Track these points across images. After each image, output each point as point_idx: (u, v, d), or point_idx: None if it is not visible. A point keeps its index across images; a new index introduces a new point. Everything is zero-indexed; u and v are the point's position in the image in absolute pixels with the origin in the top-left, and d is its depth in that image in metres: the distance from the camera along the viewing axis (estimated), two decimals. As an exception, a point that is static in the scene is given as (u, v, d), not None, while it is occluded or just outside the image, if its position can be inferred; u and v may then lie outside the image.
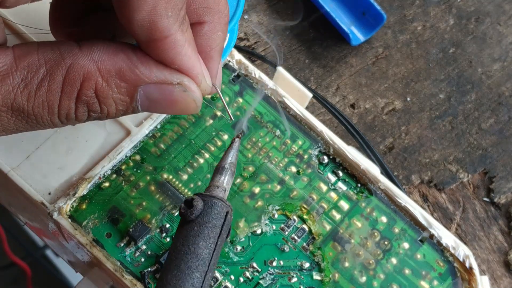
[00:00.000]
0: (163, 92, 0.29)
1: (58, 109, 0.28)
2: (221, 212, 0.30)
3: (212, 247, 0.29)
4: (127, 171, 0.37)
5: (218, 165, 0.32)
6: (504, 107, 0.56)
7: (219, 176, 0.31)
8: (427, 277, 0.37)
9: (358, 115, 0.53)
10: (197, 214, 0.29)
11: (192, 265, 0.28)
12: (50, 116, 0.28)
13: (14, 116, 0.27)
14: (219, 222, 0.30)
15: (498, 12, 0.61)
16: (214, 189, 0.31)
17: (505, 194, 0.52)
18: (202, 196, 0.30)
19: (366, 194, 0.39)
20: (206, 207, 0.30)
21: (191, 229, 0.29)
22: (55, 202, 0.35)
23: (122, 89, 0.28)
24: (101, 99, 0.28)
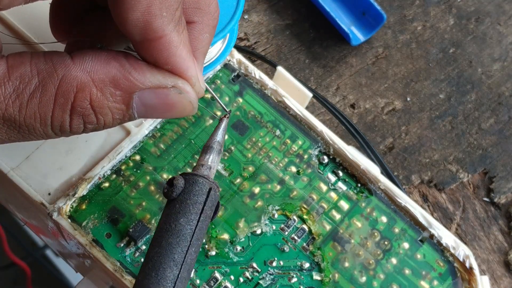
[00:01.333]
0: (159, 96, 0.28)
1: (51, 121, 0.28)
2: (203, 189, 0.30)
3: (194, 223, 0.29)
4: (127, 171, 0.37)
5: (205, 145, 0.32)
6: (504, 107, 0.56)
7: (204, 155, 0.32)
8: (427, 277, 0.37)
9: (358, 115, 0.53)
10: (178, 192, 0.29)
11: (173, 241, 0.29)
12: (43, 128, 0.28)
13: (6, 126, 0.27)
14: (200, 198, 0.30)
15: (498, 12, 0.61)
16: (199, 168, 0.31)
17: (505, 194, 0.52)
18: (184, 175, 0.30)
19: (366, 194, 0.39)
20: (187, 185, 0.30)
21: (173, 207, 0.29)
22: (54, 203, 0.35)
23: (117, 97, 0.28)
24: (97, 110, 0.28)
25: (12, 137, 0.28)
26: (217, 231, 0.36)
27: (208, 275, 0.35)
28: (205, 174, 0.31)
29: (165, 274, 0.28)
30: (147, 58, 0.28)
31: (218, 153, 0.32)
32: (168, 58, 0.28)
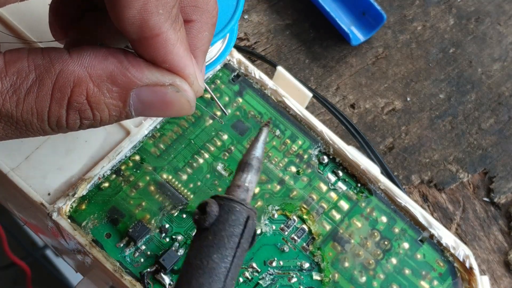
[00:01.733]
0: (156, 94, 0.28)
1: (48, 116, 0.27)
2: (240, 218, 0.26)
3: (229, 259, 0.25)
4: (126, 171, 0.37)
5: (241, 160, 0.28)
6: (504, 107, 0.56)
7: (241, 174, 0.28)
8: (427, 277, 0.37)
9: (358, 115, 0.53)
10: (211, 221, 0.26)
11: (205, 282, 0.25)
12: (40, 123, 0.27)
13: (3, 122, 0.27)
14: (237, 230, 0.26)
15: (498, 12, 0.61)
16: (235, 189, 0.27)
17: (505, 194, 0.52)
18: (218, 199, 0.26)
19: (366, 194, 0.39)
20: (222, 212, 0.26)
21: (205, 239, 0.25)
22: (54, 203, 0.35)
23: (114, 93, 0.27)
24: (93, 105, 0.27)
25: (9, 133, 0.27)
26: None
27: (208, 275, 0.35)
28: (241, 199, 0.27)
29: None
30: (144, 56, 0.28)
31: (256, 172, 0.28)
32: (165, 56, 0.28)
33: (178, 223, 0.36)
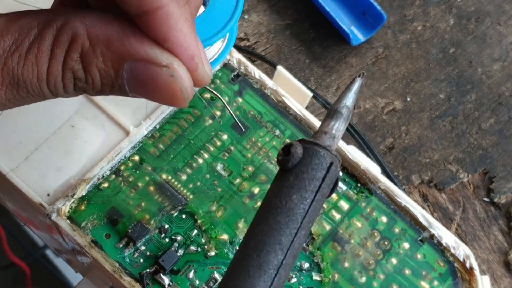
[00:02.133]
0: (149, 72, 0.26)
1: (47, 75, 0.26)
2: (323, 162, 0.25)
3: (308, 202, 0.25)
4: (126, 171, 0.37)
5: (331, 108, 0.27)
6: (504, 107, 0.56)
7: (329, 121, 0.27)
8: (427, 277, 0.37)
9: (358, 115, 0.53)
10: (294, 162, 0.25)
11: (282, 220, 0.24)
12: (40, 84, 0.26)
13: (5, 86, 0.26)
14: (319, 174, 0.25)
15: (498, 12, 0.61)
16: (321, 136, 0.27)
17: (505, 194, 0.52)
18: (304, 142, 0.26)
19: (366, 194, 0.39)
20: (306, 155, 0.25)
21: (286, 179, 0.25)
22: (53, 203, 0.35)
23: (107, 59, 0.26)
24: (85, 66, 0.26)
25: (11, 98, 0.26)
26: (217, 232, 0.36)
27: (207, 275, 0.35)
28: (327, 145, 0.26)
29: (268, 258, 0.24)
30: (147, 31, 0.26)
31: (345, 120, 0.27)
32: (167, 32, 0.25)
33: (177, 223, 0.36)
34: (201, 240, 0.36)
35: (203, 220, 0.36)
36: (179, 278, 0.35)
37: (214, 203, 0.37)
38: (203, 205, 0.37)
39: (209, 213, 0.37)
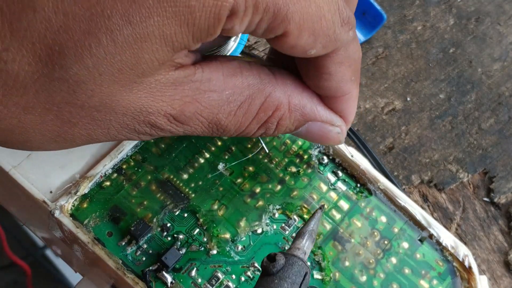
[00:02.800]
0: (323, 129, 0.34)
1: (245, 129, 0.31)
2: (301, 271, 0.31)
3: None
4: (128, 170, 0.37)
5: (300, 230, 0.33)
6: (504, 107, 0.56)
7: (300, 240, 0.33)
8: (426, 276, 0.37)
9: (358, 115, 0.54)
10: (278, 268, 0.30)
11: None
12: (234, 132, 0.31)
13: (211, 125, 0.30)
14: (298, 279, 0.31)
15: (498, 12, 0.61)
16: (295, 250, 0.32)
17: (505, 194, 0.52)
18: (284, 254, 0.31)
19: (365, 194, 0.39)
20: (287, 264, 0.31)
21: (272, 281, 0.30)
22: (56, 201, 0.35)
23: (296, 121, 0.32)
24: (278, 126, 0.32)
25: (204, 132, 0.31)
26: (218, 230, 0.36)
27: (209, 274, 0.35)
28: (302, 258, 0.32)
29: None
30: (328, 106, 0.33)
31: (312, 241, 0.33)
32: (344, 109, 0.33)
33: (179, 221, 0.36)
34: (203, 239, 0.36)
35: (204, 219, 0.37)
36: (181, 276, 0.35)
37: (215, 202, 0.37)
38: (204, 204, 0.37)
39: (211, 211, 0.37)
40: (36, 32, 0.23)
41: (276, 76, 0.31)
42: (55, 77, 0.24)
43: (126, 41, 0.24)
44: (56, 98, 0.25)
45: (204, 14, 0.24)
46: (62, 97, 0.25)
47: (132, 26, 0.24)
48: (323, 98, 0.33)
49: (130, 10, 0.23)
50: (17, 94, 0.24)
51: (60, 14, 0.23)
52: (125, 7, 0.23)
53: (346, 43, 0.30)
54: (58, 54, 0.24)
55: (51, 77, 0.24)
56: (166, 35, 0.25)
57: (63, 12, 0.23)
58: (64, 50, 0.23)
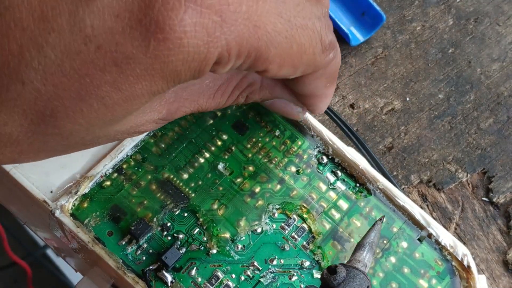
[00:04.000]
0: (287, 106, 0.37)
1: (221, 106, 0.34)
2: (362, 284, 0.30)
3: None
4: (128, 170, 0.37)
5: (360, 242, 0.33)
6: (503, 107, 0.56)
7: (360, 252, 0.32)
8: (425, 275, 0.37)
9: (358, 115, 0.54)
10: (339, 281, 0.30)
11: None
12: (213, 109, 0.34)
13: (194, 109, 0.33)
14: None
15: (497, 13, 0.61)
16: (356, 263, 0.32)
17: (504, 194, 0.52)
18: (345, 266, 0.31)
19: (365, 194, 0.39)
20: (348, 276, 0.30)
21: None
22: (57, 200, 0.35)
23: (264, 97, 0.35)
24: (247, 99, 0.35)
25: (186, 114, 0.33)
26: (218, 230, 0.36)
27: (209, 273, 0.35)
28: (362, 270, 0.31)
29: None
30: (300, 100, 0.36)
31: (372, 252, 0.33)
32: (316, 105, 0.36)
33: (179, 221, 0.37)
34: (203, 238, 0.36)
35: (204, 218, 0.37)
36: (181, 275, 0.35)
37: (215, 202, 0.37)
38: (204, 203, 0.37)
39: (211, 211, 0.37)
40: (26, 101, 0.24)
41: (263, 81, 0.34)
42: (49, 133, 0.25)
43: (116, 103, 0.25)
44: (50, 144, 0.26)
45: (189, 73, 0.25)
46: (56, 143, 0.26)
47: (122, 92, 0.25)
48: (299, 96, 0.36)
49: (118, 79, 0.24)
50: (11, 146, 0.26)
51: (49, 86, 0.24)
52: (114, 76, 0.24)
53: (326, 64, 0.31)
54: (50, 117, 0.24)
55: (45, 133, 0.25)
56: (154, 91, 0.25)
57: (52, 84, 0.23)
58: (56, 114, 0.24)
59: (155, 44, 0.23)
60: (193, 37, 0.24)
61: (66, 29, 0.23)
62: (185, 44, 0.24)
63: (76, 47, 0.23)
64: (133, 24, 0.23)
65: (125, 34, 0.23)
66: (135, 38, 0.23)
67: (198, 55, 0.25)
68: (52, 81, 0.23)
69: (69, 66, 0.23)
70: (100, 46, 0.23)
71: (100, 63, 0.23)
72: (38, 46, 0.23)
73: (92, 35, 0.23)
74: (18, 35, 0.23)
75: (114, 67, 0.24)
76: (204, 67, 0.25)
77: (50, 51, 0.23)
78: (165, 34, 0.23)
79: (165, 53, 0.24)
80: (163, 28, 0.23)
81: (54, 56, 0.23)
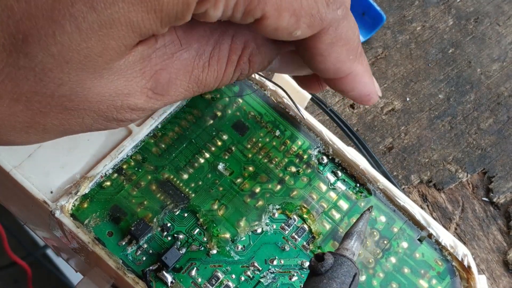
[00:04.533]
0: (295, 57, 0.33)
1: (223, 77, 0.30)
2: (350, 271, 0.30)
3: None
4: (128, 170, 0.37)
5: (348, 231, 0.33)
6: (503, 107, 0.56)
7: (348, 241, 0.32)
8: (426, 276, 0.38)
9: (358, 115, 0.54)
10: (327, 268, 0.30)
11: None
12: (214, 84, 0.30)
13: (191, 85, 0.29)
14: (347, 280, 0.30)
15: (497, 13, 0.61)
16: (344, 251, 0.32)
17: (504, 194, 0.52)
18: (332, 254, 0.31)
19: (365, 194, 0.39)
20: (336, 264, 0.30)
21: (320, 281, 0.29)
22: (57, 201, 0.35)
23: (268, 55, 0.32)
24: (251, 64, 0.31)
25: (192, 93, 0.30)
26: (219, 230, 0.36)
27: (209, 273, 0.35)
28: (350, 258, 0.31)
29: None
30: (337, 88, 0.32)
31: (360, 241, 0.33)
32: (354, 87, 0.32)
33: (179, 221, 0.37)
34: (203, 238, 0.36)
35: (204, 219, 0.37)
36: (181, 275, 0.35)
37: (215, 202, 0.37)
38: (204, 204, 0.37)
39: (211, 211, 0.37)
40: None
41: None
42: (21, 65, 0.24)
43: (91, 28, 0.23)
44: (23, 87, 0.24)
45: (172, 4, 0.24)
46: (30, 86, 0.24)
47: (97, 13, 0.23)
48: (329, 82, 0.32)
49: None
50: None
51: (22, 2, 0.23)
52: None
53: (334, 22, 0.29)
54: (22, 42, 0.23)
55: (16, 66, 0.24)
56: (133, 22, 0.24)
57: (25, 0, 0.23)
58: (28, 38, 0.23)
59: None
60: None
61: None
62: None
63: None
64: None
65: None
66: None
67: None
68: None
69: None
70: None
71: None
72: None
73: None
74: None
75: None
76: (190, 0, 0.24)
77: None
78: None
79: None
80: None
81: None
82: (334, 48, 0.30)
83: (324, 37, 0.29)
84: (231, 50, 0.30)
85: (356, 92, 0.32)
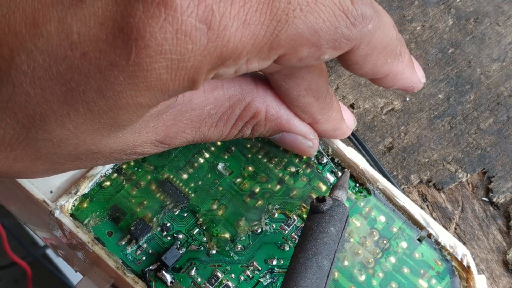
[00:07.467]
0: (296, 140, 0.36)
1: (226, 136, 0.33)
2: (344, 212, 0.34)
3: (338, 235, 0.33)
4: (128, 170, 0.37)
5: (335, 185, 0.36)
6: (503, 107, 0.56)
7: (337, 191, 0.35)
8: (425, 275, 0.38)
9: (358, 115, 0.54)
10: (328, 207, 0.33)
11: (327, 241, 0.33)
12: (217, 139, 0.33)
13: (196, 138, 0.32)
14: (343, 218, 0.34)
15: (497, 13, 0.61)
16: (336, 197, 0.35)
17: (504, 194, 0.52)
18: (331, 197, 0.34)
19: (364, 194, 0.39)
20: (334, 205, 0.34)
21: (322, 217, 0.33)
22: (57, 200, 0.35)
23: (271, 129, 0.34)
24: (253, 132, 0.34)
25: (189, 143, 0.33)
26: (218, 230, 0.37)
27: (209, 273, 0.36)
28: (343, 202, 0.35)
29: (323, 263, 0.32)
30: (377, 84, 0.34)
31: (345, 192, 0.36)
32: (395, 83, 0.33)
33: (179, 221, 0.37)
34: (202, 238, 0.36)
35: (204, 218, 0.37)
36: (181, 275, 0.35)
37: (215, 202, 0.37)
38: (204, 204, 0.37)
39: (211, 211, 0.37)
40: (17, 104, 0.25)
41: (257, 86, 0.33)
42: (39, 138, 0.26)
43: (102, 110, 0.25)
44: (42, 151, 0.27)
45: (179, 82, 0.25)
46: (48, 150, 0.27)
47: (106, 100, 0.25)
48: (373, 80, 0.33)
49: (103, 86, 0.24)
50: (5, 151, 0.26)
51: (38, 89, 0.24)
52: (98, 83, 0.24)
53: (366, 38, 0.29)
54: (40, 121, 0.25)
55: (35, 139, 0.26)
56: (141, 103, 0.25)
57: (41, 87, 0.24)
58: (45, 118, 0.25)
59: (136, 51, 0.23)
60: (175, 44, 0.24)
61: (54, 34, 0.23)
62: (167, 51, 0.24)
63: (62, 52, 0.24)
64: (116, 32, 0.23)
65: (109, 41, 0.23)
66: (118, 46, 0.23)
67: (184, 63, 0.24)
68: (40, 84, 0.24)
69: (56, 71, 0.24)
70: (85, 52, 0.24)
71: (85, 69, 0.24)
72: (27, 50, 0.24)
73: (78, 42, 0.23)
74: (10, 40, 0.24)
75: (98, 74, 0.24)
76: (197, 75, 0.25)
77: (39, 55, 0.24)
78: (146, 41, 0.23)
79: (147, 60, 0.24)
80: (144, 35, 0.23)
81: (42, 60, 0.24)
82: (370, 58, 0.30)
83: (357, 51, 0.29)
84: (240, 116, 0.33)
85: (397, 86, 0.33)
